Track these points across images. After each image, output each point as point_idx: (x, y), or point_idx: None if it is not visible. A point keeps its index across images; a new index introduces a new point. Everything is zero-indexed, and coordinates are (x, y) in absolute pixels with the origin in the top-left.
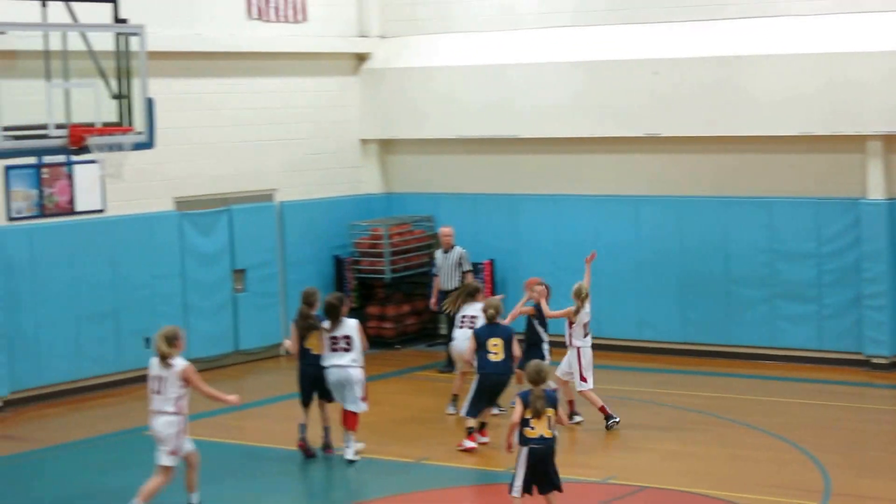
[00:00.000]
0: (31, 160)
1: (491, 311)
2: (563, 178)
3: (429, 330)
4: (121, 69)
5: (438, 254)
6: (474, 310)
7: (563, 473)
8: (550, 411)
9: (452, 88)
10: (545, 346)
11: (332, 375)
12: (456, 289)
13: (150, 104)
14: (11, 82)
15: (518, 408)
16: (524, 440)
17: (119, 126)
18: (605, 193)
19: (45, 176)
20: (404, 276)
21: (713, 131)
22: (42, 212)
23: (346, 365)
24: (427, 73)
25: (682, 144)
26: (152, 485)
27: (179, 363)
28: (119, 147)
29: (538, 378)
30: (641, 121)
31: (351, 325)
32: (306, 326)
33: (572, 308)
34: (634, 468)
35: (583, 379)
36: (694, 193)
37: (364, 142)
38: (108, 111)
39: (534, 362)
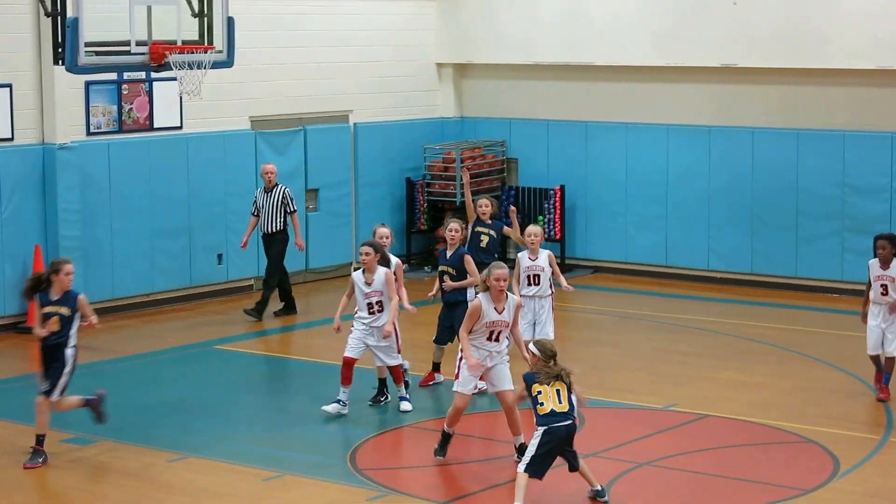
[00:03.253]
0: (112, 76)
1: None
2: (636, 106)
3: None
4: None
5: (259, 192)
6: None
7: (626, 400)
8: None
9: (530, 14)
10: None
11: None
12: (278, 231)
13: (230, 23)
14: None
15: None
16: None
17: (199, 44)
18: (678, 122)
19: (124, 92)
20: (475, 201)
21: (790, 63)
22: (121, 127)
23: None
24: None
25: (758, 76)
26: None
27: None
28: (199, 65)
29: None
30: (718, 51)
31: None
32: None
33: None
34: (697, 396)
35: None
36: (768, 125)
37: (440, 65)
38: (189, 29)
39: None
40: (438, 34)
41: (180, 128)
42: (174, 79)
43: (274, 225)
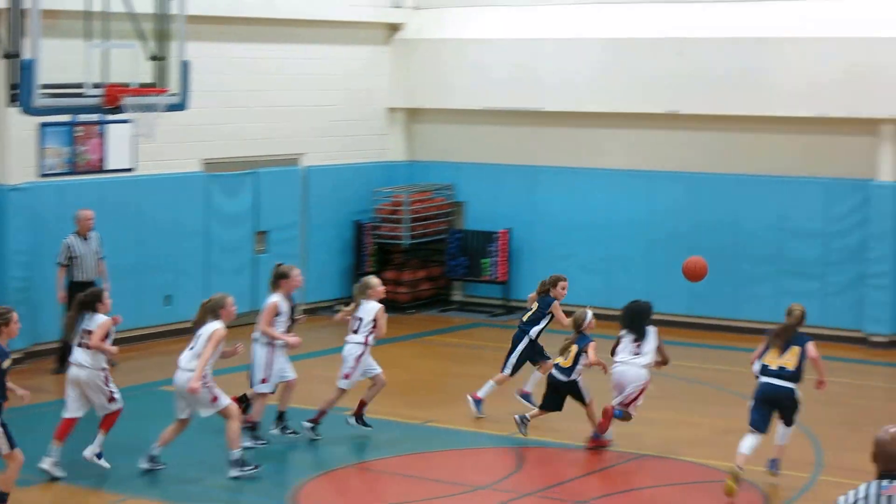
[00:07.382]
0: (66, 118)
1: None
2: (582, 151)
3: (442, 296)
4: (159, 31)
5: (75, 240)
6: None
7: (562, 440)
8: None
9: (481, 60)
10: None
11: None
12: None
13: (185, 67)
14: (52, 41)
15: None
16: None
17: (154, 87)
18: (621, 168)
19: (78, 134)
20: (422, 243)
21: (731, 110)
22: (73, 169)
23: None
24: (457, 45)
25: (700, 122)
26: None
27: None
28: (153, 108)
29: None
30: (662, 98)
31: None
32: None
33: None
34: (635, 436)
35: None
36: (708, 170)
37: (391, 110)
38: (144, 72)
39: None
40: (391, 79)
41: (132, 170)
42: (129, 121)
43: (94, 272)
